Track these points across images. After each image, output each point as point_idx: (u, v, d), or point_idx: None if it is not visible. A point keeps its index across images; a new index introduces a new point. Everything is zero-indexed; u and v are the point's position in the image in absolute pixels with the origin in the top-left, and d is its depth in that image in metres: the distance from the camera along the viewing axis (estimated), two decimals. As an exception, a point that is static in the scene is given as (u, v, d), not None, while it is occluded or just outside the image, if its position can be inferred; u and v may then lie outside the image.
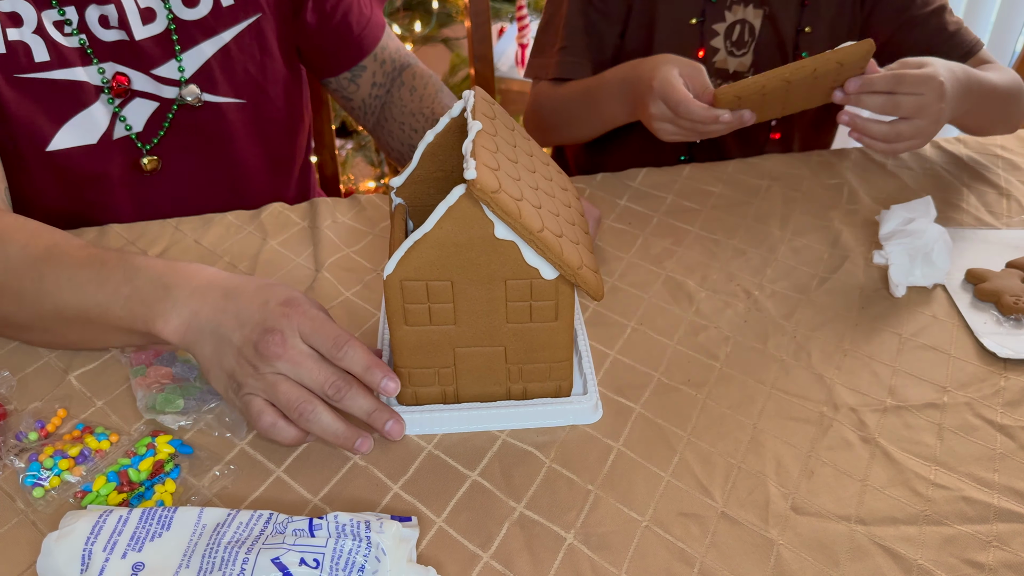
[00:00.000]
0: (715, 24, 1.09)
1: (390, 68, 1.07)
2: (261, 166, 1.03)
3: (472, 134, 0.59)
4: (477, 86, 0.67)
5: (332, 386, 0.60)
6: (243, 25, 0.93)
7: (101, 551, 0.53)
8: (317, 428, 0.61)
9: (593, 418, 0.67)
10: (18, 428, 0.65)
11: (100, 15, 0.86)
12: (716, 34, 1.10)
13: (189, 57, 0.91)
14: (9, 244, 0.69)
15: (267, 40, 0.96)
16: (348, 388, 0.61)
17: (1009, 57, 2.22)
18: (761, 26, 1.09)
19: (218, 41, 0.92)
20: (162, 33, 0.89)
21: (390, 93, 1.08)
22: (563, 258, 0.59)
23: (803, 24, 1.09)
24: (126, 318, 0.66)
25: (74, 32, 0.84)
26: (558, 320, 0.63)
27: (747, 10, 1.08)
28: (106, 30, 0.86)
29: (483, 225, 0.58)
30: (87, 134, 0.88)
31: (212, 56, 0.92)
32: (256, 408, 0.61)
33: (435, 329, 0.62)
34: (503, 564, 0.57)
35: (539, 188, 0.63)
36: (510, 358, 0.65)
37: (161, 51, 0.90)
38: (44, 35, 0.83)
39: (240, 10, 0.93)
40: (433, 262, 0.59)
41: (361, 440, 0.62)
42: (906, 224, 0.85)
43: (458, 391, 0.66)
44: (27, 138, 0.85)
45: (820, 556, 0.58)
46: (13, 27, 0.81)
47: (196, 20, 0.91)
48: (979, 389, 0.72)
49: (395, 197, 0.71)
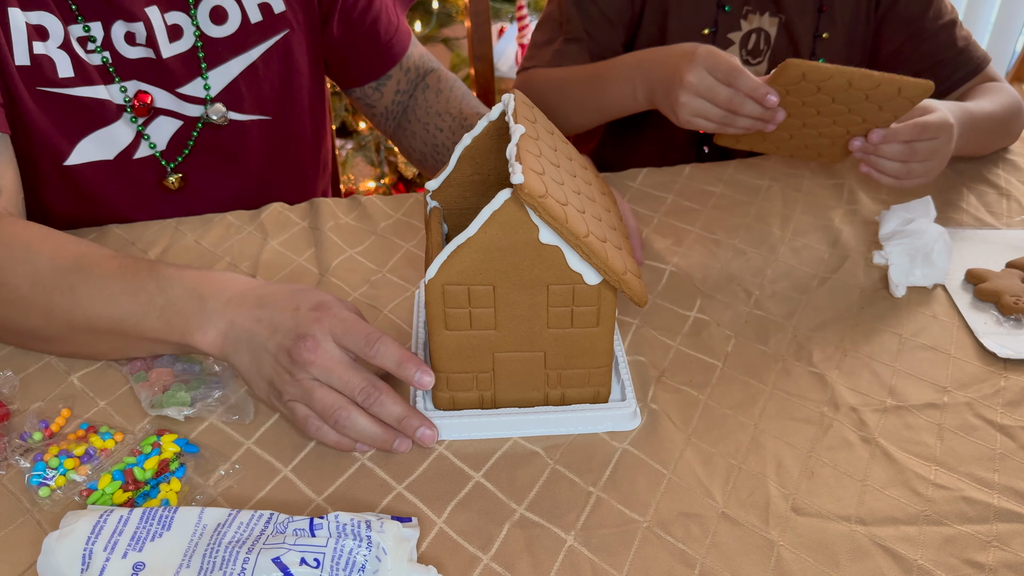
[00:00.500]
0: (730, 33, 1.09)
1: (414, 75, 1.06)
2: (286, 179, 1.02)
3: (516, 138, 0.59)
4: (516, 90, 0.67)
5: (362, 392, 0.61)
6: (271, 42, 0.93)
7: (102, 551, 0.53)
8: (353, 433, 0.62)
9: (632, 425, 0.67)
10: (22, 428, 0.65)
11: (126, 32, 0.85)
12: (731, 43, 1.10)
13: (216, 75, 0.90)
14: (37, 256, 0.68)
15: (294, 56, 0.95)
16: (378, 395, 0.61)
17: (1009, 57, 2.22)
18: (777, 34, 1.09)
19: (246, 59, 0.92)
20: (188, 51, 0.88)
21: (413, 97, 1.07)
22: (608, 263, 0.59)
23: (820, 30, 1.09)
24: (162, 329, 0.66)
25: (97, 49, 0.84)
26: (599, 326, 0.63)
27: (763, 18, 1.08)
28: (131, 47, 0.85)
29: (528, 230, 0.58)
30: (105, 151, 0.88)
31: (239, 74, 0.92)
32: (301, 414, 0.62)
33: (475, 334, 0.62)
34: (503, 566, 0.57)
35: (581, 192, 0.63)
36: (549, 363, 0.64)
37: (187, 69, 0.89)
38: (70, 51, 0.82)
39: (268, 27, 0.92)
40: (476, 266, 0.59)
41: (399, 441, 0.62)
42: (906, 224, 0.85)
43: (496, 396, 0.66)
44: (46, 151, 0.85)
45: (820, 556, 0.58)
46: (39, 40, 0.81)
47: (224, 38, 0.90)
48: (979, 389, 0.72)
49: (430, 200, 0.71)
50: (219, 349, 0.65)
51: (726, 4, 1.07)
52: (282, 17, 0.93)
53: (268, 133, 0.97)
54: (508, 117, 0.63)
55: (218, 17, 0.89)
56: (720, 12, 1.08)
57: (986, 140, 1.04)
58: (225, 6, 0.89)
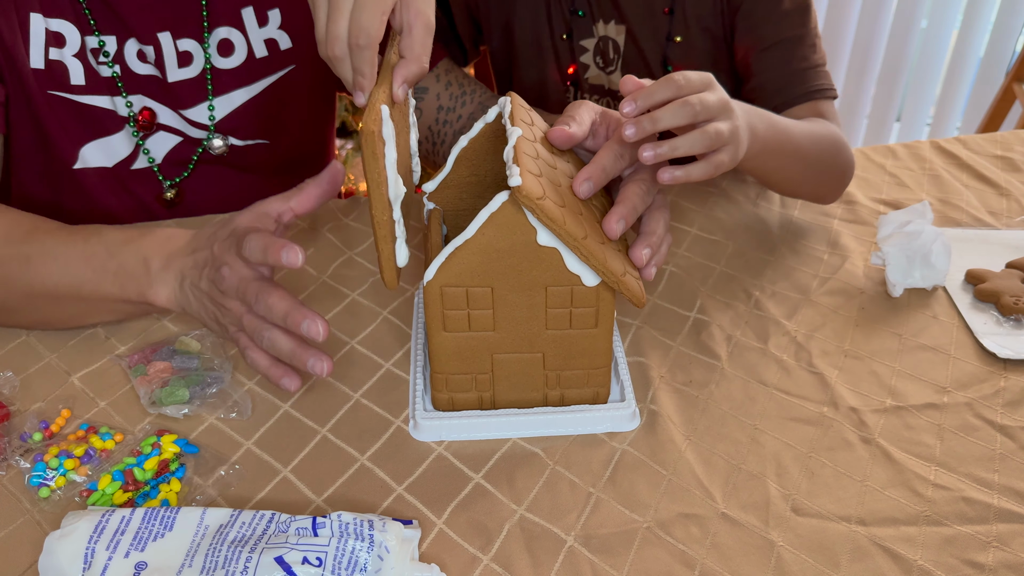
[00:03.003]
0: (583, 40, 1.04)
1: (458, 91, 1.00)
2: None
3: (513, 140, 0.60)
4: (512, 92, 0.67)
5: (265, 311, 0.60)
6: (275, 77, 0.94)
7: (104, 550, 0.53)
8: (275, 352, 0.61)
9: (631, 425, 0.67)
10: (22, 428, 0.65)
11: (138, 50, 0.87)
12: (585, 50, 1.04)
13: (220, 102, 0.92)
14: None
15: (299, 90, 0.96)
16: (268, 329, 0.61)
17: (1009, 57, 2.22)
18: (625, 42, 1.02)
19: (250, 91, 0.93)
20: (196, 77, 0.90)
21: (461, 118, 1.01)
22: (607, 265, 0.59)
23: (673, 34, 1.00)
24: (118, 292, 0.69)
25: (109, 63, 0.86)
26: (598, 327, 0.63)
27: (609, 27, 1.02)
28: (142, 64, 0.87)
29: (525, 231, 0.58)
30: (106, 158, 0.90)
31: (242, 104, 0.93)
32: (242, 344, 0.63)
33: (474, 335, 0.63)
34: (503, 567, 0.57)
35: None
36: (548, 364, 0.65)
37: (193, 94, 0.90)
38: (84, 60, 0.85)
39: (275, 62, 0.93)
40: (474, 268, 0.59)
41: (312, 360, 0.60)
42: (903, 226, 0.85)
43: (495, 397, 0.66)
44: (56, 154, 0.87)
45: (820, 557, 0.58)
46: (56, 46, 0.83)
47: (230, 69, 0.91)
48: (979, 389, 0.72)
49: (428, 202, 0.71)
50: (175, 304, 0.68)
51: (579, 9, 1.01)
52: (288, 53, 0.94)
53: (266, 154, 0.98)
54: (505, 119, 0.63)
55: (226, 49, 0.91)
56: (573, 16, 1.02)
57: (793, 163, 0.84)
58: (233, 40, 0.91)
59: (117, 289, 0.69)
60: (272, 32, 0.92)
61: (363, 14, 0.58)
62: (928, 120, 2.41)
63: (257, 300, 0.60)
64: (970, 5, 2.19)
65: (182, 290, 0.67)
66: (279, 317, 0.59)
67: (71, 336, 0.75)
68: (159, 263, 0.68)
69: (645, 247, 0.63)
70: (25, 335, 0.75)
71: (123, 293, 0.69)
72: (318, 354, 0.60)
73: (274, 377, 0.62)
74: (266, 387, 0.71)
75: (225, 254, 0.63)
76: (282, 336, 0.60)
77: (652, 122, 0.61)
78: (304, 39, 0.94)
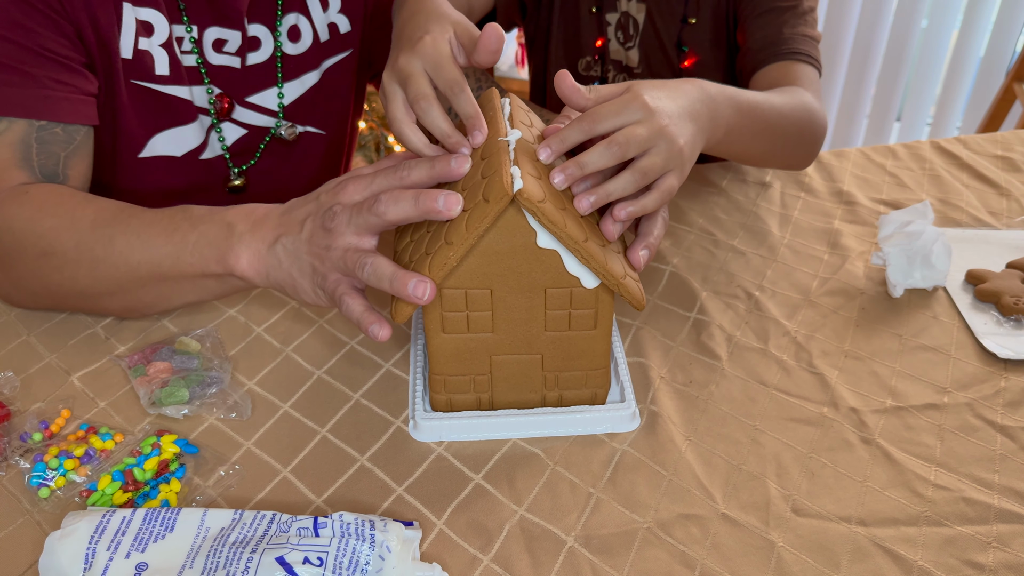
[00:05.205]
0: (609, 14, 1.08)
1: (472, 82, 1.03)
2: None
3: (512, 143, 0.60)
4: (512, 93, 0.67)
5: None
6: (333, 60, 0.96)
7: (105, 551, 0.53)
8: (375, 277, 0.59)
9: (631, 426, 0.67)
10: (22, 429, 0.65)
11: (216, 39, 0.87)
12: (609, 24, 1.09)
13: (289, 88, 0.93)
14: (80, 220, 0.71)
15: (351, 76, 0.98)
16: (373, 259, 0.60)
17: (1009, 57, 2.22)
18: (644, 21, 1.07)
19: (314, 76, 0.95)
20: (267, 62, 0.91)
21: None
22: (607, 268, 0.59)
23: (688, 14, 1.05)
24: (198, 263, 0.68)
25: (194, 50, 0.86)
26: (597, 328, 0.63)
27: (631, 4, 1.07)
28: (217, 54, 0.88)
29: (525, 234, 0.58)
30: (175, 148, 0.90)
31: (307, 90, 0.95)
32: (339, 292, 0.61)
33: (472, 337, 0.63)
34: (503, 567, 0.57)
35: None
36: (547, 366, 0.65)
37: (263, 80, 0.92)
38: (169, 49, 0.85)
39: (335, 45, 0.95)
40: (474, 270, 0.59)
41: (379, 326, 0.60)
42: (904, 227, 0.85)
43: (493, 398, 0.66)
44: (125, 142, 0.87)
45: (821, 557, 0.58)
46: (145, 36, 0.83)
47: (298, 55, 0.93)
48: (979, 390, 0.72)
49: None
50: (256, 270, 0.66)
51: None
52: (348, 37, 0.96)
53: (320, 145, 0.99)
54: (505, 121, 0.63)
55: (294, 35, 0.92)
56: None
57: (762, 136, 0.83)
58: (300, 25, 0.92)
59: (197, 260, 0.68)
60: (333, 16, 0.94)
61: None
62: (928, 120, 2.42)
63: (369, 219, 0.60)
64: (970, 5, 2.20)
65: (271, 251, 0.65)
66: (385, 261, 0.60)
67: (71, 336, 0.75)
68: (245, 227, 0.67)
69: (643, 248, 0.63)
70: (25, 335, 0.75)
71: (203, 264, 0.68)
72: (421, 276, 0.58)
73: (366, 323, 0.60)
74: (266, 387, 0.71)
75: (335, 197, 0.62)
76: (384, 261, 0.59)
77: (579, 167, 0.59)
78: (359, 22, 0.96)
